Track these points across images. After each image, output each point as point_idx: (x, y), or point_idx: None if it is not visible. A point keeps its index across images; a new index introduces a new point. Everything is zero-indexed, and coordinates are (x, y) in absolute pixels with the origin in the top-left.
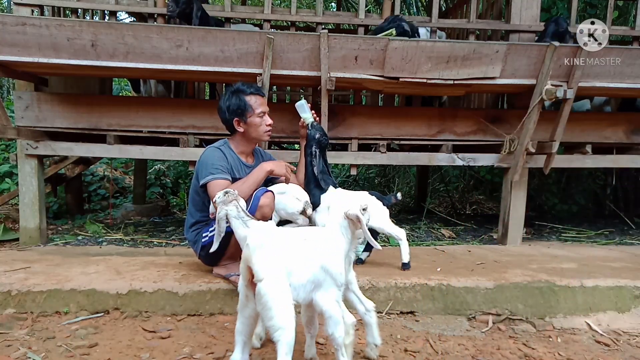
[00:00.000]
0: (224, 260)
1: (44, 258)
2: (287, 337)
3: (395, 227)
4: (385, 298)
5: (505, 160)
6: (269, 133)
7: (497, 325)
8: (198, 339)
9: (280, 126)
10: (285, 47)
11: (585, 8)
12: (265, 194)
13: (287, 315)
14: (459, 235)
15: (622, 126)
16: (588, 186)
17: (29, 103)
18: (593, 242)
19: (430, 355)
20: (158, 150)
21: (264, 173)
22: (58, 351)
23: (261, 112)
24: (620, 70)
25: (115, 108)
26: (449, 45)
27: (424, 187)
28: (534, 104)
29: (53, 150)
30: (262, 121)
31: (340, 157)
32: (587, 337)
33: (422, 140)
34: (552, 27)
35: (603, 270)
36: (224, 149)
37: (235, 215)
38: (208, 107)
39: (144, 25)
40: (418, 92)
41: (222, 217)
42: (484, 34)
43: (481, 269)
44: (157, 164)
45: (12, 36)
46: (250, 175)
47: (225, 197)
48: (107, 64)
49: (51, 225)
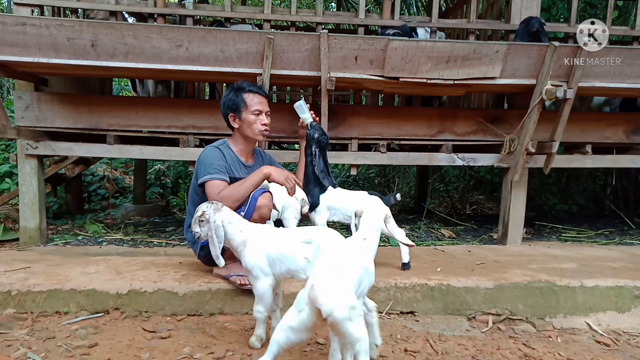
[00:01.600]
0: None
1: (44, 258)
2: (365, 345)
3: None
4: (385, 298)
5: (505, 160)
6: (264, 132)
7: (497, 325)
8: (198, 339)
9: (280, 126)
10: (285, 47)
11: (585, 8)
12: (263, 195)
13: (364, 328)
14: (459, 235)
15: (622, 126)
16: (588, 186)
17: (29, 103)
18: (593, 242)
19: (430, 355)
20: (158, 150)
21: (262, 176)
22: (58, 351)
23: (256, 110)
24: (620, 70)
25: (115, 108)
26: (449, 45)
27: (424, 187)
28: (534, 104)
29: (53, 150)
30: (257, 119)
31: (340, 157)
32: (587, 337)
33: (422, 140)
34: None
35: (603, 270)
36: (223, 149)
37: (230, 221)
38: (208, 107)
39: (144, 25)
40: (418, 92)
41: (218, 225)
42: (484, 34)
43: (481, 269)
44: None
45: (12, 36)
46: (248, 178)
47: (215, 205)
48: (107, 64)
49: (51, 225)
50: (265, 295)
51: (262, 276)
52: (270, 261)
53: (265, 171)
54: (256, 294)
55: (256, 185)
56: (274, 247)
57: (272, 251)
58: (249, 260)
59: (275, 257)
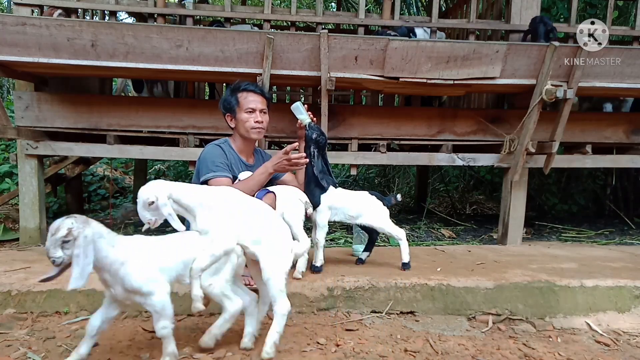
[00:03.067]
0: None
1: (44, 258)
2: None
3: (395, 227)
4: (385, 298)
5: (505, 160)
6: (257, 130)
7: (497, 325)
8: (198, 339)
9: (280, 126)
10: (285, 47)
11: (585, 8)
12: (267, 195)
13: None
14: (459, 235)
15: (622, 126)
16: (588, 186)
17: (29, 103)
18: (593, 242)
19: (430, 355)
20: (158, 150)
21: (267, 175)
22: (58, 351)
23: (249, 108)
24: (620, 70)
25: (115, 108)
26: (449, 45)
27: (424, 187)
28: (534, 104)
29: (53, 150)
30: (250, 117)
31: (340, 157)
32: (587, 337)
33: (422, 140)
34: (542, 27)
35: (603, 270)
36: (224, 147)
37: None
38: (208, 107)
39: (144, 25)
40: (418, 92)
41: (90, 241)
42: (484, 34)
43: (481, 269)
44: (157, 164)
45: (12, 36)
46: (253, 177)
47: (82, 218)
48: (107, 64)
49: None
50: (167, 306)
51: (158, 289)
52: (162, 270)
53: (270, 170)
54: (155, 310)
55: (261, 184)
56: (164, 257)
57: (163, 261)
58: (137, 278)
59: (167, 267)
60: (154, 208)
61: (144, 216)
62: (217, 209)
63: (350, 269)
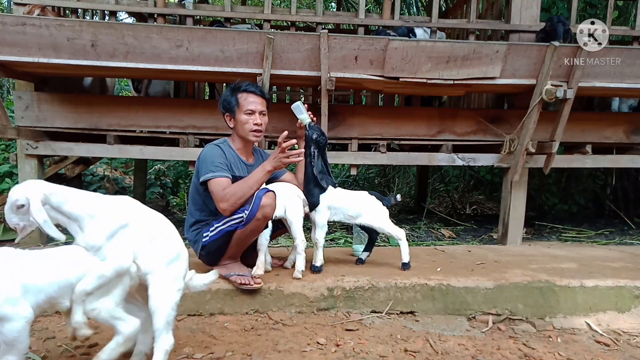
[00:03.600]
0: (224, 260)
1: None
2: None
3: (395, 227)
4: (385, 298)
5: (505, 160)
6: (256, 133)
7: (497, 325)
8: (198, 339)
9: (280, 126)
10: (285, 47)
11: (585, 8)
12: (267, 194)
13: None
14: (459, 235)
15: (622, 126)
16: (588, 186)
17: (29, 103)
18: (593, 242)
19: (430, 355)
20: (158, 150)
21: (265, 174)
22: (58, 351)
23: (249, 109)
24: (620, 70)
25: (115, 108)
26: (449, 45)
27: (424, 187)
28: (534, 104)
29: (53, 150)
30: (249, 119)
31: (340, 157)
32: (587, 337)
33: (422, 140)
34: (560, 27)
35: (603, 270)
36: (224, 147)
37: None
38: (208, 107)
39: (144, 25)
40: (418, 92)
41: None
42: (484, 34)
43: (481, 269)
44: (157, 164)
45: (12, 36)
46: (252, 176)
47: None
48: (107, 64)
49: None
50: (21, 339)
51: (14, 313)
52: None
53: (268, 168)
54: (4, 340)
55: (261, 183)
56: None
57: (29, 279)
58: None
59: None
60: (23, 212)
61: (11, 220)
62: (111, 222)
63: (350, 269)
